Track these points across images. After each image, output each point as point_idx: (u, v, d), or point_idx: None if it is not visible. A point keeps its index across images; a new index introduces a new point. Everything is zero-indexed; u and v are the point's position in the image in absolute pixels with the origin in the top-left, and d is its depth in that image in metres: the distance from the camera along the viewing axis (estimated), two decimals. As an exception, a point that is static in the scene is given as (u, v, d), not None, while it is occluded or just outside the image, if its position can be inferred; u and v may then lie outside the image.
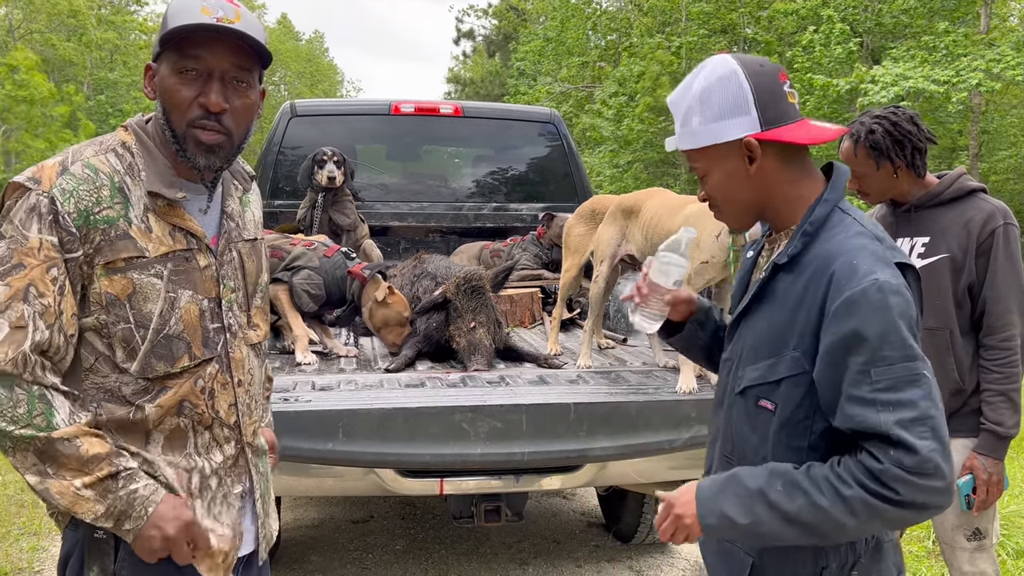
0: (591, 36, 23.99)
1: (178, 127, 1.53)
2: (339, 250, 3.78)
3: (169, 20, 1.50)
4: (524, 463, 2.86)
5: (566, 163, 5.33)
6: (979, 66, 12.84)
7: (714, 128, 1.48)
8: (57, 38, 30.43)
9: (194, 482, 1.59)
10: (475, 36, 38.11)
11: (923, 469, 1.29)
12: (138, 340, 1.51)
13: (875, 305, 1.33)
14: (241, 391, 1.67)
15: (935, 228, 2.50)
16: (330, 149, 4.49)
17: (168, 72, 1.52)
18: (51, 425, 1.42)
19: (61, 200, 1.45)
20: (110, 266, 1.48)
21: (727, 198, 1.55)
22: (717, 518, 1.43)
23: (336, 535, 4.49)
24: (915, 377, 1.32)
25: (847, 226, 1.44)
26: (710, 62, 1.51)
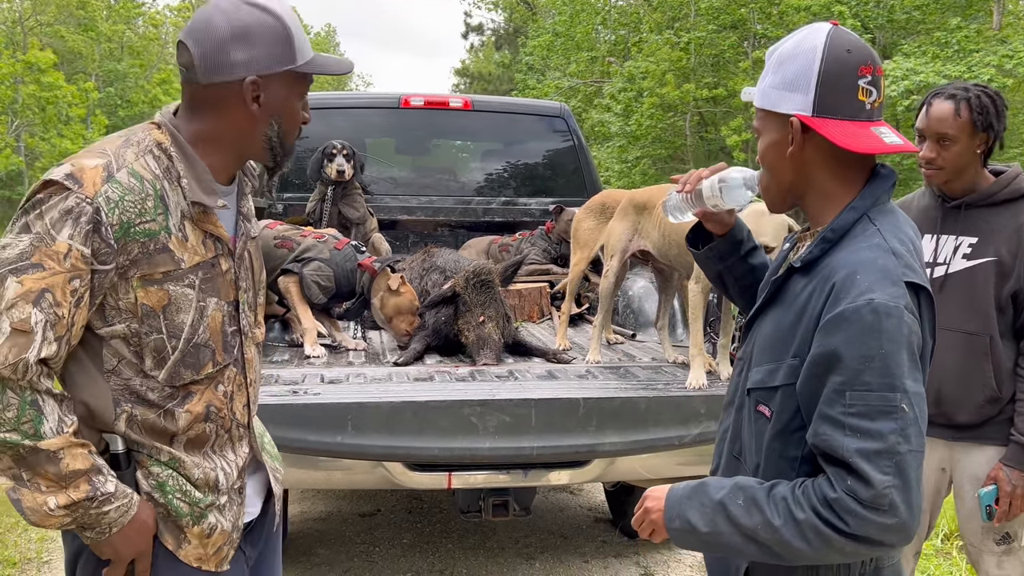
0: (600, 31, 23.91)
1: (291, 141, 1.64)
2: (349, 243, 3.78)
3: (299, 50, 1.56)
4: (532, 458, 2.85)
5: (575, 158, 5.31)
6: (991, 62, 12.76)
7: (775, 95, 1.45)
8: (66, 30, 30.48)
9: (220, 480, 1.61)
10: (484, 30, 38.05)
11: (877, 504, 1.25)
12: (169, 350, 1.51)
13: (865, 326, 1.28)
14: (252, 390, 1.70)
15: (984, 229, 2.42)
16: (340, 142, 4.48)
17: (291, 93, 1.60)
18: (38, 434, 1.37)
19: (106, 210, 1.40)
20: (147, 278, 1.46)
21: (767, 168, 1.51)
22: (681, 523, 1.43)
23: (343, 528, 4.50)
24: (891, 409, 1.27)
25: (868, 236, 1.38)
26: (811, 28, 1.46)
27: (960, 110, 2.37)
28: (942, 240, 2.50)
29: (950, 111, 2.38)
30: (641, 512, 1.52)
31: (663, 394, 2.93)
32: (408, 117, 5.21)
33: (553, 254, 4.87)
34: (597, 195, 4.11)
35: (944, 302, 2.46)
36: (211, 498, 1.60)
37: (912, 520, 1.27)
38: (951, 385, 2.45)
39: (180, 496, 1.56)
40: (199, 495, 1.58)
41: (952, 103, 2.39)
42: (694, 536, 1.42)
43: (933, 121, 2.40)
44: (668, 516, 1.45)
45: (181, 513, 1.56)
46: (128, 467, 1.52)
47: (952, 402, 2.46)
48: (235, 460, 1.66)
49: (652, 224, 3.48)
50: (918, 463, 1.28)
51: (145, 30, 35.46)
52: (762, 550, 1.35)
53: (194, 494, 1.57)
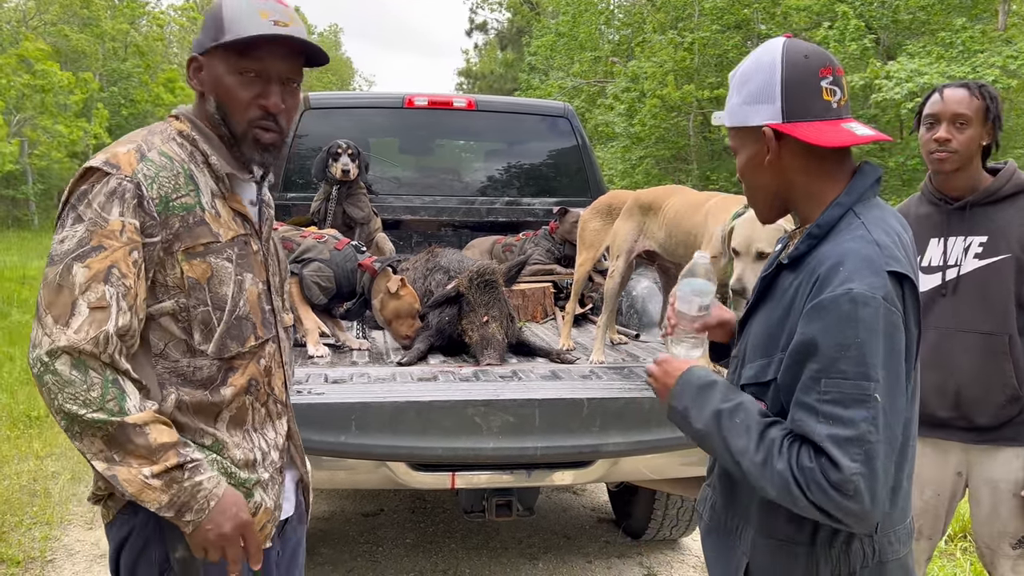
0: (604, 31, 23.91)
1: (238, 126, 1.59)
2: (349, 243, 3.78)
3: (227, 23, 1.55)
4: (536, 458, 2.85)
5: (579, 158, 5.30)
6: (996, 63, 12.72)
7: (745, 110, 1.48)
8: (70, 29, 30.53)
9: (258, 457, 1.65)
10: (488, 29, 38.04)
11: (842, 488, 1.29)
12: (215, 321, 1.57)
13: (842, 315, 1.30)
14: (288, 371, 1.77)
15: (993, 227, 2.41)
16: (344, 142, 4.48)
17: (226, 71, 1.57)
18: (123, 410, 1.43)
19: (145, 185, 1.49)
20: (190, 251, 1.54)
21: (747, 184, 1.55)
22: (681, 407, 1.52)
23: (346, 528, 4.50)
24: (864, 397, 1.29)
25: (852, 229, 1.41)
26: (767, 44, 1.50)
27: (974, 95, 2.40)
28: (950, 242, 2.48)
29: (966, 94, 2.41)
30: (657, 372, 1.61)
31: (667, 394, 2.92)
32: (412, 117, 5.21)
33: (557, 254, 4.87)
34: (604, 196, 4.10)
35: (959, 303, 2.45)
36: (254, 476, 1.64)
37: (874, 509, 1.31)
38: (971, 387, 2.43)
39: (227, 479, 1.58)
40: (243, 475, 1.62)
41: (965, 89, 2.42)
42: (685, 424, 1.52)
43: (950, 103, 2.41)
44: (674, 392, 1.55)
45: None
46: None
47: (972, 404, 2.44)
48: (275, 438, 1.71)
49: (657, 224, 3.48)
50: (887, 453, 1.31)
51: (149, 30, 35.50)
52: (737, 469, 1.42)
53: (239, 475, 1.61)
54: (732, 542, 1.58)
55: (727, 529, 1.60)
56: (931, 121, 2.45)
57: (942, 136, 2.41)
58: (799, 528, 1.46)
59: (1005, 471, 2.45)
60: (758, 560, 1.51)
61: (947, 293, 2.47)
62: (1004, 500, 2.45)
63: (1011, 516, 2.45)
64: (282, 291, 1.79)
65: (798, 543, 1.46)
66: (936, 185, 2.54)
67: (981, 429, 2.46)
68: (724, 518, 1.62)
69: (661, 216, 3.46)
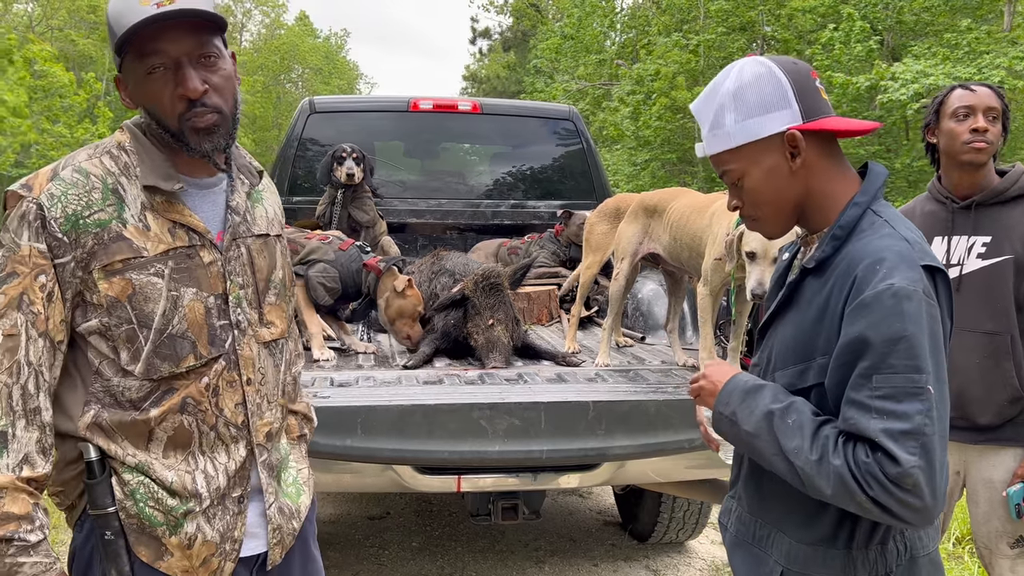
0: (608, 33, 23.92)
1: (172, 125, 1.50)
2: (354, 244, 3.78)
3: (114, 25, 1.46)
4: (542, 461, 2.85)
5: (584, 160, 5.30)
6: (1002, 64, 12.69)
7: (751, 124, 1.44)
8: (77, 33, 30.65)
9: (199, 483, 1.55)
10: (491, 35, 38.06)
11: (901, 482, 1.27)
12: (141, 340, 1.49)
13: (887, 310, 1.30)
14: (251, 390, 1.61)
15: (997, 227, 2.42)
16: (349, 146, 4.49)
17: (138, 78, 1.49)
18: None
19: (48, 206, 1.44)
20: (107, 268, 1.47)
21: (766, 200, 1.49)
22: (729, 411, 1.48)
23: (352, 531, 4.50)
24: (917, 390, 1.29)
25: (876, 228, 1.41)
26: (738, 64, 1.48)
27: (996, 93, 2.45)
28: (954, 241, 2.48)
29: (991, 91, 2.45)
30: (701, 381, 1.57)
31: (673, 397, 2.92)
32: (417, 121, 5.22)
33: (562, 257, 4.87)
34: (611, 199, 4.10)
35: (961, 303, 2.44)
36: (189, 504, 1.54)
37: (935, 503, 1.29)
38: (972, 386, 2.43)
39: (152, 504, 1.52)
40: (173, 502, 1.53)
41: (988, 88, 2.46)
42: (734, 428, 1.48)
43: (984, 96, 2.44)
44: (719, 400, 1.51)
45: (155, 522, 1.53)
46: (103, 474, 1.51)
47: (974, 403, 2.44)
48: (226, 464, 1.59)
49: (662, 227, 3.48)
50: (943, 446, 1.30)
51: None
52: (790, 471, 1.38)
53: (167, 501, 1.53)
54: (763, 552, 1.55)
55: (756, 539, 1.57)
56: (965, 112, 2.44)
57: (982, 125, 2.40)
58: (836, 531, 1.44)
59: (1003, 471, 2.45)
60: (793, 568, 1.49)
61: None
62: (1001, 500, 2.45)
63: (1007, 516, 2.45)
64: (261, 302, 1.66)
65: (835, 546, 1.44)
66: (949, 183, 2.53)
67: (982, 429, 2.46)
68: (753, 528, 1.58)
69: (666, 219, 3.45)
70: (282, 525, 1.68)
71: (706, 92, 1.51)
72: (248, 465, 1.62)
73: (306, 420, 1.88)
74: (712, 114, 1.48)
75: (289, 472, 1.74)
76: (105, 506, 1.51)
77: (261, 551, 1.66)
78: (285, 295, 1.73)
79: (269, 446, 1.67)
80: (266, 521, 1.65)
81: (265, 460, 1.66)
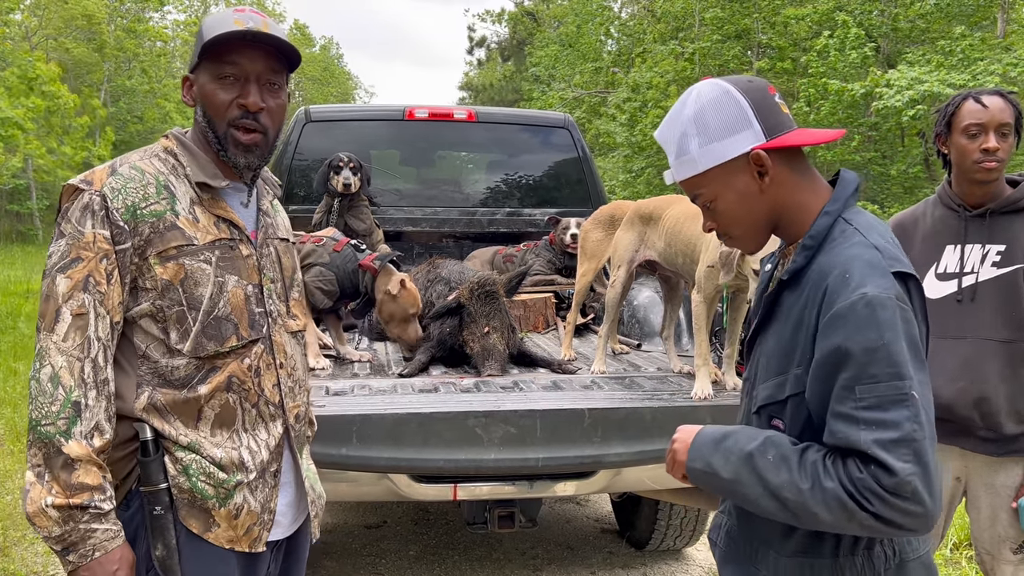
0: (604, 41, 23.99)
1: (219, 128, 1.68)
2: (348, 243, 3.74)
3: (205, 32, 1.64)
4: (538, 469, 2.84)
5: (580, 168, 5.32)
6: (996, 70, 12.75)
7: (716, 148, 1.45)
8: (72, 42, 30.67)
9: (244, 457, 1.69)
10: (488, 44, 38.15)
11: (899, 491, 1.26)
12: (190, 321, 1.64)
13: (862, 320, 1.30)
14: (283, 373, 1.78)
15: (1010, 236, 2.42)
16: (346, 155, 4.50)
17: (208, 79, 1.67)
18: (68, 432, 1.51)
19: (111, 197, 1.59)
20: (162, 254, 1.62)
21: (740, 220, 1.50)
22: (703, 465, 1.46)
23: (349, 540, 4.49)
24: (902, 397, 1.28)
25: (847, 236, 1.41)
26: (695, 89, 1.49)
27: (1009, 103, 2.42)
28: (967, 249, 2.48)
29: (1003, 103, 2.41)
30: (674, 445, 1.55)
31: (669, 404, 2.92)
32: (413, 129, 5.23)
33: (558, 265, 4.88)
34: (606, 206, 4.10)
35: (976, 311, 2.44)
36: (238, 477, 1.68)
37: (934, 507, 1.28)
38: (996, 394, 2.42)
39: (204, 478, 1.64)
40: (224, 475, 1.66)
41: (1000, 97, 2.42)
42: (714, 479, 1.45)
43: (996, 111, 2.40)
44: (691, 456, 1.48)
45: (207, 495, 1.65)
46: (157, 453, 1.62)
47: (1000, 413, 2.42)
48: (267, 440, 1.74)
49: (658, 234, 3.48)
50: (933, 449, 1.29)
51: (152, 46, 35.65)
52: (779, 507, 1.36)
53: (218, 475, 1.66)
54: (753, 568, 1.54)
55: (746, 555, 1.57)
56: (975, 131, 2.41)
57: (992, 145, 2.38)
58: (820, 542, 1.44)
59: (1006, 477, 2.44)
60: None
61: (963, 300, 2.47)
62: (1004, 506, 2.45)
63: (1011, 521, 2.45)
64: (287, 296, 1.84)
65: (821, 556, 1.44)
66: (960, 191, 2.51)
67: (1006, 439, 2.43)
68: (742, 544, 1.58)
69: (661, 226, 3.46)
70: (315, 500, 1.88)
71: (668, 119, 1.52)
72: (283, 443, 1.79)
73: (310, 424, 2.04)
74: (676, 141, 1.49)
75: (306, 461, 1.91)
76: (157, 482, 1.62)
77: (281, 537, 1.81)
78: (303, 294, 1.95)
79: (298, 427, 1.84)
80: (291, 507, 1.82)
81: (296, 439, 1.83)
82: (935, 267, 2.53)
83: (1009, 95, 2.44)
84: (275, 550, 1.82)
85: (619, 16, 23.68)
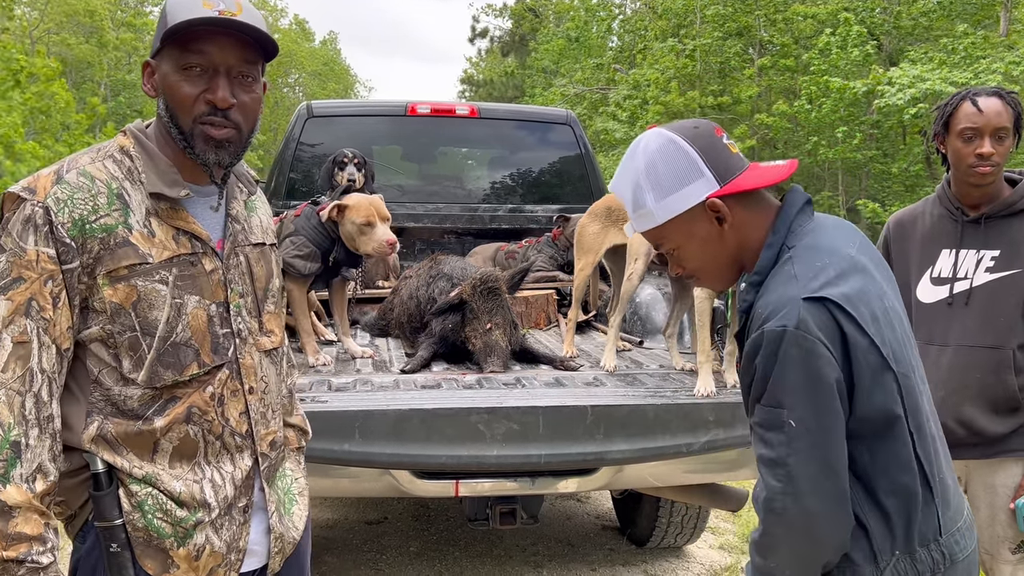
0: (608, 37, 23.97)
1: (185, 124, 1.50)
2: (307, 204, 3.67)
3: (169, 15, 1.46)
4: (540, 465, 2.84)
5: (582, 165, 5.31)
6: (998, 69, 12.72)
7: (671, 201, 1.46)
8: (74, 39, 30.63)
9: (207, 493, 1.54)
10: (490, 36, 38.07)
11: (771, 507, 1.39)
12: (144, 348, 1.47)
13: (762, 351, 1.38)
14: (253, 399, 1.61)
15: (1005, 240, 2.40)
16: (351, 151, 4.48)
17: (171, 69, 1.48)
18: (6, 476, 1.36)
19: (55, 210, 1.41)
20: (112, 275, 1.45)
21: (705, 264, 1.54)
22: None
23: (350, 536, 4.49)
24: (779, 423, 1.37)
25: (779, 268, 1.45)
26: (642, 139, 1.50)
27: (1008, 104, 2.39)
28: (962, 255, 2.46)
29: (1001, 104, 2.38)
30: None
31: (671, 401, 2.91)
32: (415, 125, 5.21)
33: (560, 261, 4.87)
34: (601, 200, 4.08)
35: (968, 317, 2.44)
36: (198, 515, 1.53)
37: (811, 523, 1.37)
38: (973, 403, 2.42)
39: (161, 515, 1.51)
40: (183, 513, 1.52)
41: (998, 98, 2.39)
42: None
43: (991, 116, 2.37)
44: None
45: (163, 534, 1.51)
46: (110, 486, 1.49)
47: (980, 419, 2.42)
48: (232, 472, 1.58)
49: None
50: (810, 472, 1.36)
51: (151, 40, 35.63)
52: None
53: (176, 512, 1.51)
54: None
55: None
56: (971, 135, 2.39)
57: (987, 151, 2.36)
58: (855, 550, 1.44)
59: (1003, 476, 2.44)
60: None
61: (953, 304, 2.46)
62: (1003, 506, 2.45)
63: (1009, 522, 2.44)
64: (260, 310, 1.65)
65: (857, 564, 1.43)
66: (960, 192, 2.50)
67: (992, 441, 2.44)
68: None
69: None
70: (283, 534, 1.69)
71: (620, 171, 1.54)
72: (252, 475, 1.62)
73: (302, 432, 1.89)
74: (631, 194, 1.51)
75: (285, 481, 1.74)
76: (112, 518, 1.48)
77: (257, 567, 1.66)
78: (281, 304, 1.74)
79: (272, 455, 1.67)
80: (266, 534, 1.65)
81: (267, 469, 1.66)
82: (930, 271, 2.53)
83: (1009, 95, 2.41)
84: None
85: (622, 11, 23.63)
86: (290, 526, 1.72)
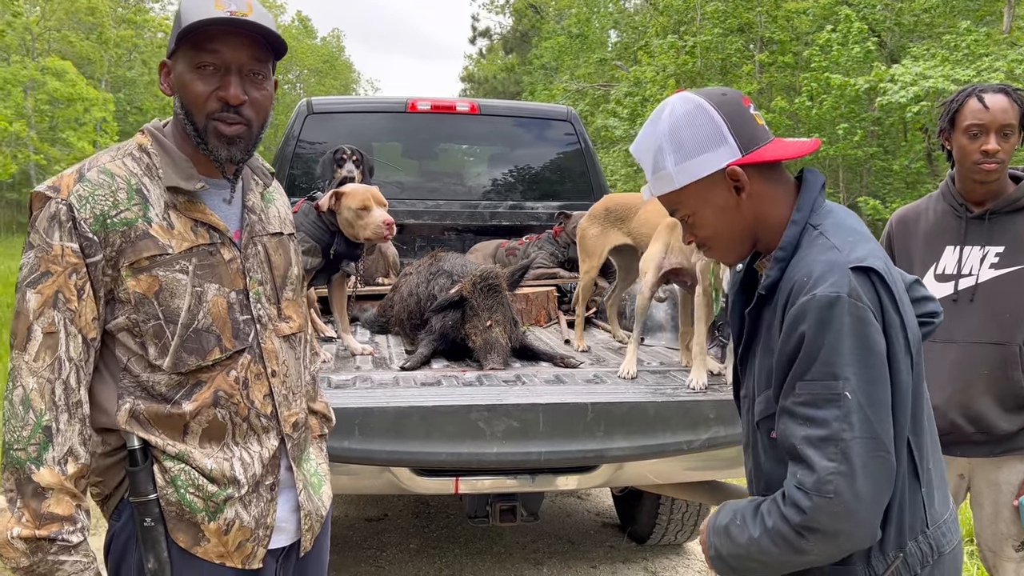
0: (610, 33, 23.95)
1: (199, 121, 1.57)
2: (304, 200, 3.67)
3: (183, 16, 1.53)
4: (540, 463, 2.84)
5: (583, 161, 5.30)
6: (1001, 66, 12.69)
7: (691, 165, 1.45)
8: (75, 36, 30.61)
9: (236, 470, 1.61)
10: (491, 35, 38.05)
11: (820, 490, 1.29)
12: (168, 335, 1.55)
13: (809, 320, 1.32)
14: (276, 381, 1.68)
15: (1009, 236, 2.40)
16: (349, 147, 4.48)
17: (185, 68, 1.56)
18: (39, 459, 1.45)
19: (78, 207, 1.50)
20: (135, 266, 1.53)
21: (719, 234, 1.51)
22: (713, 551, 1.51)
23: (350, 533, 4.49)
24: (833, 396, 1.30)
25: (813, 242, 1.43)
26: (669, 102, 1.49)
27: (1014, 100, 2.38)
28: (966, 251, 2.46)
29: (1007, 101, 2.38)
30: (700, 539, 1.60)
31: (671, 399, 2.91)
32: (415, 121, 5.21)
33: (560, 258, 4.86)
34: (599, 202, 4.07)
35: (973, 313, 2.43)
36: (229, 491, 1.60)
37: (860, 506, 1.29)
38: (982, 399, 2.42)
39: (193, 491, 1.58)
40: (214, 488, 1.59)
41: (1004, 95, 2.38)
42: (721, 561, 1.49)
43: (998, 112, 2.37)
44: (708, 545, 1.53)
45: (195, 508, 1.58)
46: (146, 462, 1.57)
47: (990, 415, 2.42)
48: (260, 452, 1.65)
49: (675, 238, 3.46)
50: (866, 449, 1.29)
51: (152, 37, 35.60)
52: (761, 564, 1.41)
53: (208, 488, 1.59)
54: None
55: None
56: (976, 131, 2.39)
57: (992, 148, 2.36)
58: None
59: (1008, 474, 2.44)
60: None
61: (958, 301, 2.46)
62: (1006, 503, 2.44)
63: (1013, 519, 2.44)
64: (279, 297, 1.72)
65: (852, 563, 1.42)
66: (964, 189, 2.49)
67: (1000, 439, 2.43)
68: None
69: (678, 232, 3.44)
70: (311, 512, 1.76)
71: (642, 133, 1.51)
72: (279, 454, 1.70)
73: (325, 420, 1.97)
74: (652, 157, 1.49)
75: (310, 464, 1.82)
76: (147, 493, 1.56)
77: (285, 544, 1.73)
78: (300, 291, 1.81)
79: (296, 436, 1.74)
80: (294, 512, 1.73)
81: (293, 449, 1.73)
82: (934, 268, 2.52)
83: (1015, 92, 2.41)
84: (282, 557, 1.74)
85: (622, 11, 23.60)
86: (319, 504, 1.80)
